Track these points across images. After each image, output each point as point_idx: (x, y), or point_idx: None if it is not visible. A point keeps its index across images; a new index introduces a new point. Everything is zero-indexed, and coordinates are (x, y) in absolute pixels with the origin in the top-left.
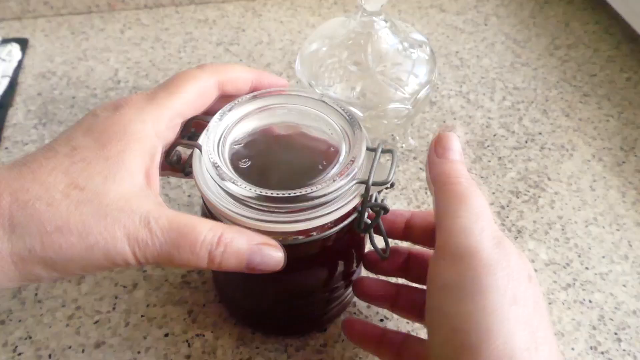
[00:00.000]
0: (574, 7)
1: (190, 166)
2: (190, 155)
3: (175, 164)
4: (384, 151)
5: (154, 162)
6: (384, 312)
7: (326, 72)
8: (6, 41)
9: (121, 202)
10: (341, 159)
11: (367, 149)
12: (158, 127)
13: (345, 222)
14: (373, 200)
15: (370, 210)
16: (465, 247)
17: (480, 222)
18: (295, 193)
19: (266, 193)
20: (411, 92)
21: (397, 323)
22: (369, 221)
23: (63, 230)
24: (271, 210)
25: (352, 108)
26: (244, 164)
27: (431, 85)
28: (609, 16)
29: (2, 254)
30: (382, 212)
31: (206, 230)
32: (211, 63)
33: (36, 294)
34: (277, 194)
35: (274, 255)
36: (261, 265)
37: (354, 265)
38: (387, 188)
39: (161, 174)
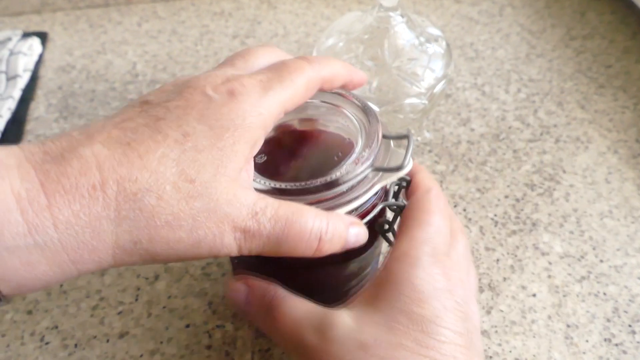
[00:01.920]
0: None
1: None
2: None
3: None
4: (399, 137)
5: (253, 151)
6: None
7: None
8: (27, 35)
9: (230, 195)
10: (357, 149)
11: (384, 136)
12: (270, 120)
13: (365, 220)
14: (391, 198)
15: (388, 209)
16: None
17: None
18: (308, 184)
19: (280, 186)
20: (427, 86)
21: None
22: (388, 220)
23: (172, 225)
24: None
25: (368, 103)
26: (260, 159)
27: (447, 80)
28: (625, 5)
29: (106, 245)
30: (400, 211)
31: (312, 217)
32: (313, 56)
33: (61, 285)
34: (291, 185)
35: (362, 232)
36: (355, 243)
37: (372, 262)
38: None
39: None
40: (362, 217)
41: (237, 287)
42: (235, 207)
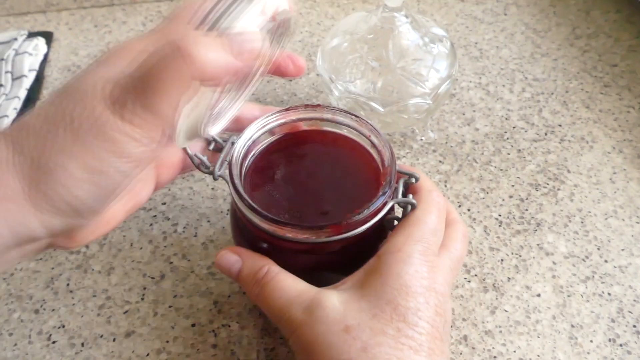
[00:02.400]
0: None
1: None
2: (218, 156)
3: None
4: (408, 175)
5: None
6: None
7: (347, 68)
8: (32, 35)
9: None
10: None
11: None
12: None
13: (376, 219)
14: (400, 195)
15: (397, 205)
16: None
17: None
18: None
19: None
20: (432, 87)
21: None
22: (398, 217)
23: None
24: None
25: (372, 103)
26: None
27: (452, 80)
28: (630, 4)
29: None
30: (410, 207)
31: None
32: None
33: (68, 284)
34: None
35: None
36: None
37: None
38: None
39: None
40: (373, 215)
41: (228, 257)
42: None
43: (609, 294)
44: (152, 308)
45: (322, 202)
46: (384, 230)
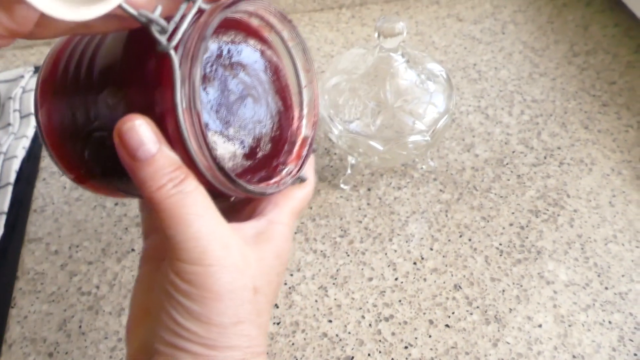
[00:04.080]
0: (593, 10)
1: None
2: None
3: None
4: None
5: None
6: (408, 339)
7: (346, 107)
8: (38, 70)
9: None
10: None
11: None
12: None
13: None
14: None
15: None
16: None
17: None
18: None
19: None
20: (429, 123)
21: (422, 350)
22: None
23: None
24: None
25: (371, 142)
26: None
27: (449, 115)
28: (628, 17)
29: None
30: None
31: None
32: None
33: (80, 326)
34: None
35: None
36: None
37: None
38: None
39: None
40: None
41: (143, 130)
42: None
43: (610, 322)
44: None
45: (246, 146)
46: None
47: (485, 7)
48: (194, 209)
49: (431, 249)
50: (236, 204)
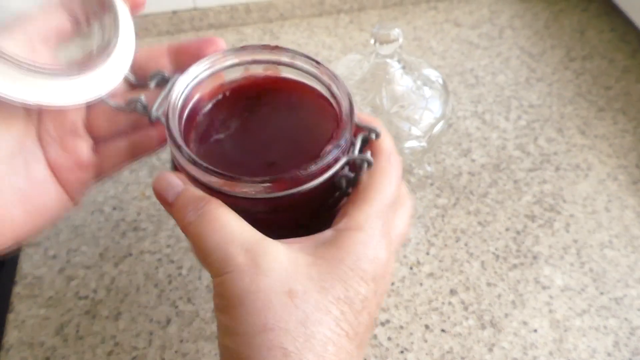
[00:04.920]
0: (589, 15)
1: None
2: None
3: (142, 111)
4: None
5: None
6: (404, 344)
7: None
8: None
9: None
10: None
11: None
12: None
13: (326, 177)
14: (357, 152)
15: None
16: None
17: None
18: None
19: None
20: (425, 129)
21: (418, 355)
22: (350, 177)
23: None
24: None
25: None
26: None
27: (445, 120)
28: (624, 22)
29: None
30: (367, 165)
31: None
32: None
33: (77, 331)
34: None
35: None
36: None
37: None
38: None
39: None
40: (323, 171)
41: (170, 179)
42: None
43: (605, 327)
44: (159, 354)
45: (269, 153)
46: (335, 188)
47: (483, 12)
48: (212, 225)
49: (427, 254)
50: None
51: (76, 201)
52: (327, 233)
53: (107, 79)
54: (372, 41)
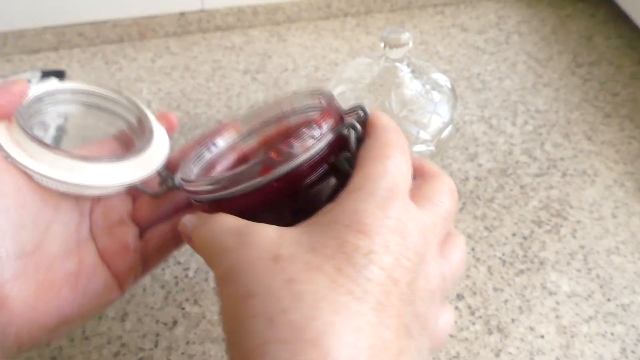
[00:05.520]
0: (596, 21)
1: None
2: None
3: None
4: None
5: None
6: None
7: None
8: (45, 75)
9: None
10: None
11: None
12: None
13: (315, 153)
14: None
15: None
16: None
17: None
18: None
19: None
20: (433, 133)
21: None
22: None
23: None
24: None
25: None
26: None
27: (454, 125)
28: (632, 29)
29: None
30: (355, 134)
31: None
32: None
33: (84, 331)
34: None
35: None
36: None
37: None
38: None
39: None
40: (309, 147)
41: (188, 216)
42: None
43: (612, 334)
44: (165, 355)
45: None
46: (333, 173)
47: (490, 18)
48: (210, 224)
49: None
50: None
51: (124, 288)
52: (325, 208)
53: (142, 170)
54: (382, 45)
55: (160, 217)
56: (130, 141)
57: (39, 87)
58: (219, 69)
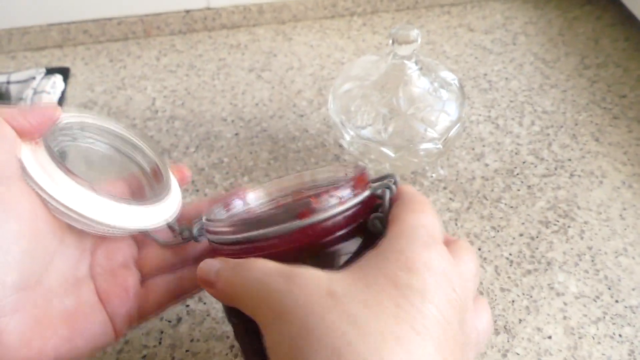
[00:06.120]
0: (604, 23)
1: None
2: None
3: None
4: (382, 178)
5: None
6: None
7: (358, 114)
8: (50, 72)
9: None
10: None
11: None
12: None
13: (347, 209)
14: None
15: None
16: None
17: None
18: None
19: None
20: (441, 131)
21: None
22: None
23: None
24: None
25: (383, 149)
26: None
27: (461, 123)
28: (639, 32)
29: None
30: (389, 193)
31: None
32: None
33: None
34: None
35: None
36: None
37: None
38: None
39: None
40: (342, 202)
41: (209, 261)
42: None
43: (620, 336)
44: (169, 353)
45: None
46: (366, 231)
47: (496, 18)
48: (247, 271)
49: None
50: None
51: (120, 333)
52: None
53: (156, 217)
54: (390, 42)
55: (164, 268)
56: (140, 187)
57: (70, 116)
58: (224, 67)
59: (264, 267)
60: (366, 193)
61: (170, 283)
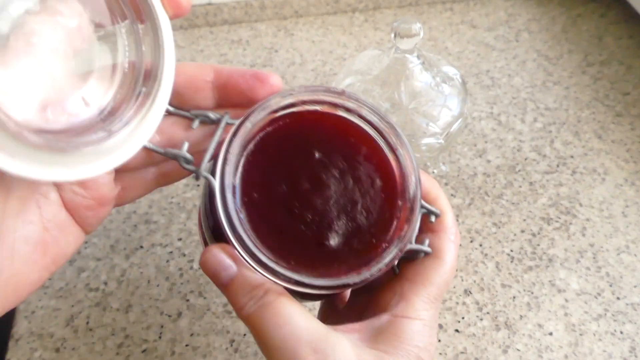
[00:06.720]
0: (607, 21)
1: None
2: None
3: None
4: (432, 212)
5: None
6: None
7: None
8: None
9: None
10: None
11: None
12: None
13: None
14: (414, 240)
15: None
16: None
17: None
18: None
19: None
20: (443, 126)
21: None
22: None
23: None
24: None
25: None
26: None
27: (463, 118)
28: None
29: None
30: (424, 254)
31: None
32: None
33: (87, 322)
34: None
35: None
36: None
37: None
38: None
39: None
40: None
41: (221, 257)
42: None
43: (621, 332)
44: (169, 347)
45: (322, 226)
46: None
47: (500, 15)
48: (275, 320)
49: None
50: (357, 303)
51: (90, 231)
52: (383, 318)
53: (148, 125)
54: (392, 35)
55: (146, 164)
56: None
57: None
58: (226, 63)
59: (296, 328)
60: (399, 252)
61: (151, 178)
